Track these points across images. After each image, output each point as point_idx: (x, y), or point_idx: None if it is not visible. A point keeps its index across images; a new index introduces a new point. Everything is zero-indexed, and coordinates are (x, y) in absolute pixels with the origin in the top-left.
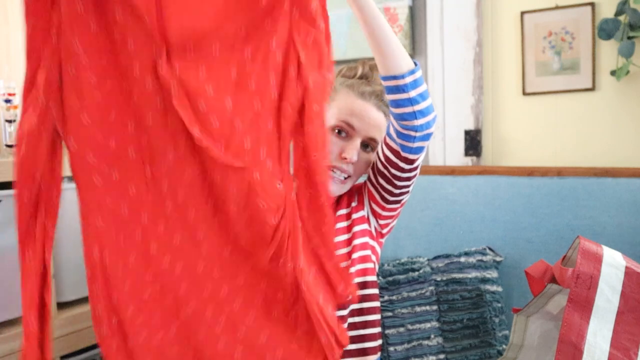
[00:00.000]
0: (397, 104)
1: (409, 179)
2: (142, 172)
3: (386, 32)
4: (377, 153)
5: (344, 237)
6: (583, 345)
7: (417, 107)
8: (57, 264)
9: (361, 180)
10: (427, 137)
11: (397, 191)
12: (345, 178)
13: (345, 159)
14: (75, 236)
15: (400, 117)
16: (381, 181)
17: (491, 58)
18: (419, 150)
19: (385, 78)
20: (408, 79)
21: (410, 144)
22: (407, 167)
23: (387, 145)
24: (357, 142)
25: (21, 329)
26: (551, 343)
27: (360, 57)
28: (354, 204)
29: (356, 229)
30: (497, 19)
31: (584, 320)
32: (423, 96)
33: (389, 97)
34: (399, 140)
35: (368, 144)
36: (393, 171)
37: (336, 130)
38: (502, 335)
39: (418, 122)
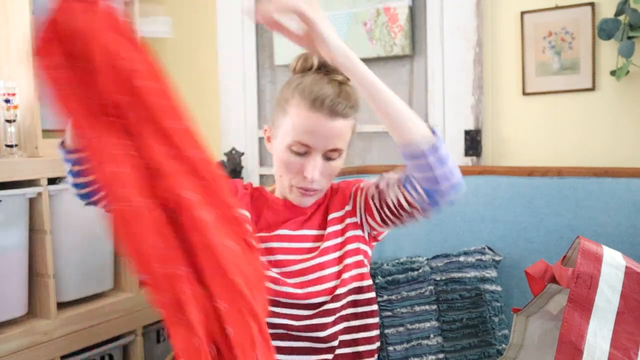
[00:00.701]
0: (417, 168)
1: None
2: None
3: (394, 104)
4: (387, 192)
5: (337, 240)
6: (583, 345)
7: (438, 172)
8: (57, 264)
9: (347, 179)
10: (454, 196)
11: (401, 222)
12: (314, 191)
13: (306, 178)
14: (75, 236)
15: (423, 180)
16: (387, 212)
17: (491, 58)
18: (443, 205)
19: (401, 146)
20: (424, 147)
21: (433, 208)
22: (422, 216)
23: (404, 197)
24: (317, 158)
25: (21, 329)
26: (551, 343)
27: (359, 58)
28: (347, 208)
29: (350, 234)
30: (497, 19)
31: (584, 320)
32: (442, 161)
33: (408, 163)
34: (422, 201)
35: (331, 154)
36: (404, 214)
37: (294, 149)
38: (502, 334)
39: (442, 186)
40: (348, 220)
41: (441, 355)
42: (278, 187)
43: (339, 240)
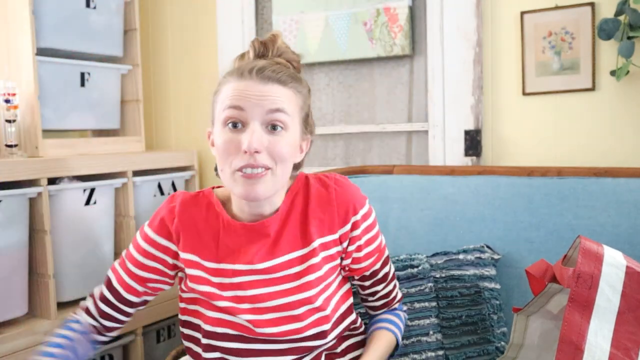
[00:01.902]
0: None
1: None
2: None
3: None
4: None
5: (322, 271)
6: (584, 345)
7: None
8: (57, 264)
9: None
10: None
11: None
12: (265, 170)
13: (246, 152)
14: (75, 236)
15: None
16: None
17: (491, 58)
18: None
19: None
20: None
21: None
22: None
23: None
24: (255, 125)
25: (21, 329)
26: (551, 342)
27: (359, 58)
28: (334, 237)
29: (334, 263)
30: (497, 19)
31: (584, 319)
32: None
33: None
34: None
35: (273, 120)
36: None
37: (229, 124)
38: (501, 332)
39: None
40: (334, 249)
41: (440, 352)
42: (226, 187)
43: (325, 269)
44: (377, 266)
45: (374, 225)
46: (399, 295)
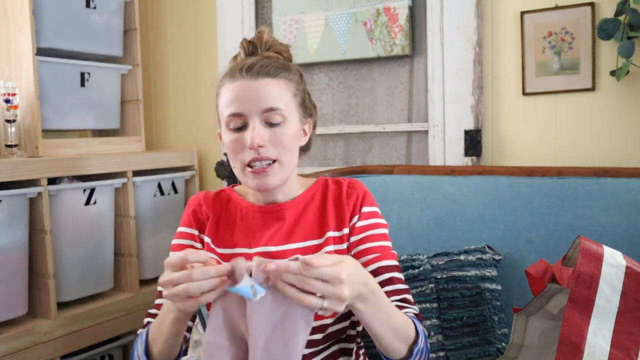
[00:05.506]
0: None
1: None
2: None
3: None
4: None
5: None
6: (583, 345)
7: None
8: (57, 264)
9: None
10: None
11: None
12: (270, 163)
13: (251, 148)
14: (75, 236)
15: None
16: None
17: (491, 58)
18: None
19: (380, 351)
20: None
21: None
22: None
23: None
24: (255, 122)
25: (21, 329)
26: (551, 343)
27: (359, 58)
28: (345, 231)
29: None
30: (497, 19)
31: (584, 320)
32: None
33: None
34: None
35: (270, 117)
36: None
37: (231, 126)
38: (502, 333)
39: None
40: (345, 244)
41: (442, 354)
42: (242, 183)
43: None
44: (382, 263)
45: (380, 227)
46: (414, 309)
